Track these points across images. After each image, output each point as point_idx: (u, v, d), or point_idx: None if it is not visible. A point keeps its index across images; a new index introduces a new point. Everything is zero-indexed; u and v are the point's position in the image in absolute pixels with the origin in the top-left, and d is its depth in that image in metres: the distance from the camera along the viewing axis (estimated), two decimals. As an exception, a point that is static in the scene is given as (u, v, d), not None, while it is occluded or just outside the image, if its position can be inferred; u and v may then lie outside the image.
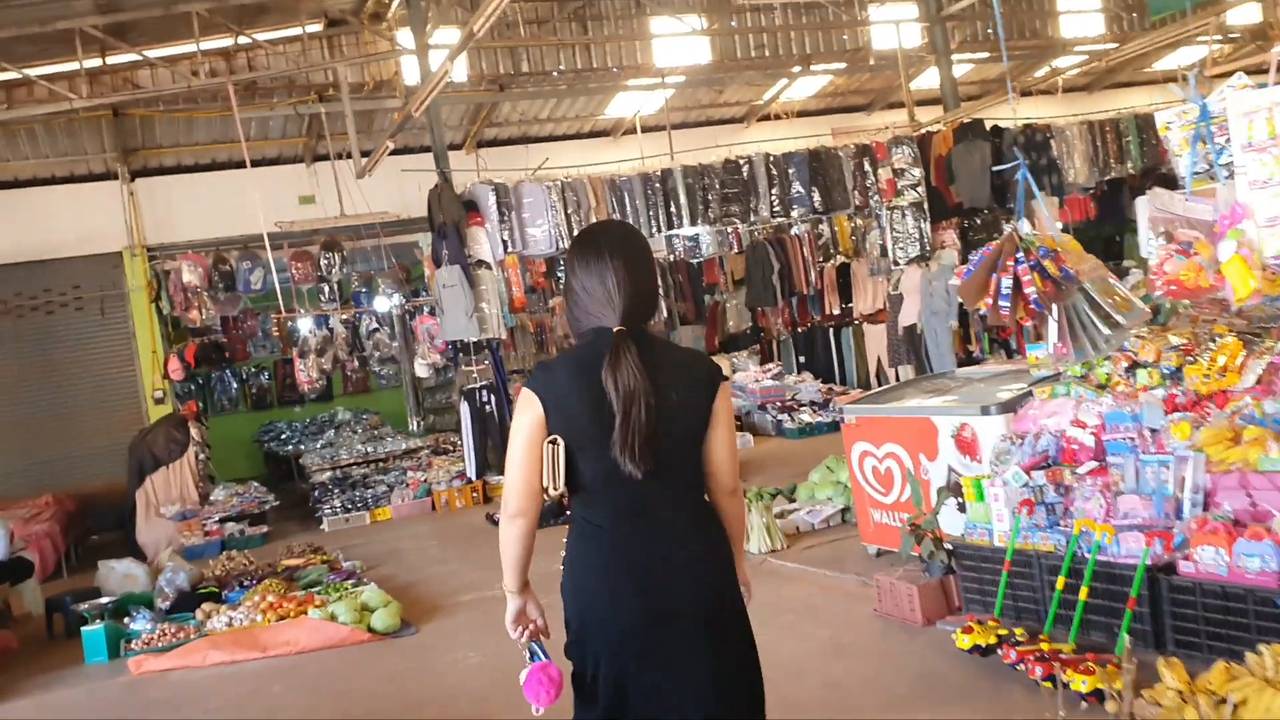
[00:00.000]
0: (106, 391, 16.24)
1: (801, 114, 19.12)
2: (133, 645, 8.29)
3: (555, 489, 3.04)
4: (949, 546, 6.29)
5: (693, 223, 14.80)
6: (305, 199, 16.56)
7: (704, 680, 3.04)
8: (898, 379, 16.27)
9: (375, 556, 11.26)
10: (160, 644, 8.21)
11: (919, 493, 6.39)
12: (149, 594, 10.27)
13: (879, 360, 16.60)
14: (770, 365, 16.63)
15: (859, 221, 16.86)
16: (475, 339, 13.59)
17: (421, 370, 14.42)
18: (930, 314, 15.27)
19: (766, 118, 18.97)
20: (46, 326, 16.00)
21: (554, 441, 3.02)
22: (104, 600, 9.11)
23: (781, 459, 13.43)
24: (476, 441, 13.67)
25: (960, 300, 15.66)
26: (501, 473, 8.03)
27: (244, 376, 20.53)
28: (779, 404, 15.51)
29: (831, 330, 17.24)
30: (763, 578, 7.99)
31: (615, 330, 3.04)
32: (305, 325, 15.89)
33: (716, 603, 3.10)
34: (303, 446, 17.57)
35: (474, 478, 13.81)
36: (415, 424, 15.42)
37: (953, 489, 6.80)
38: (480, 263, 13.87)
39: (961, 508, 6.67)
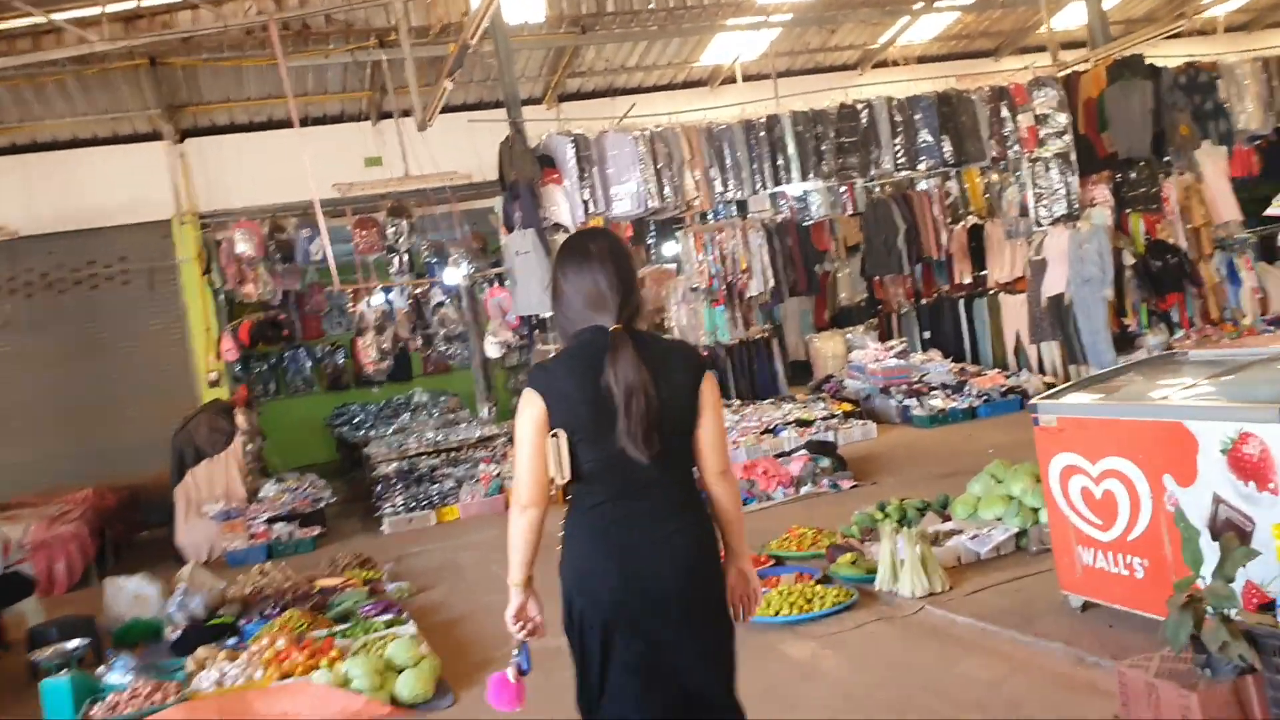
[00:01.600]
0: (158, 373, 14.38)
1: (921, 60, 16.52)
2: (95, 711, 6.23)
3: (563, 478, 3.14)
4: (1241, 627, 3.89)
5: (804, 177, 12.42)
6: (371, 160, 14.52)
7: (685, 655, 3.18)
8: (1040, 358, 13.75)
9: (428, 573, 9.14)
10: (129, 710, 6.15)
11: (1196, 545, 4.03)
12: (158, 621, 8.35)
13: (1017, 336, 14.06)
14: (893, 342, 14.17)
15: (994, 177, 14.28)
16: (552, 314, 11.37)
17: (492, 349, 12.26)
18: (1081, 282, 12.70)
19: (883, 64, 16.39)
20: (91, 302, 14.18)
21: (556, 435, 3.15)
22: (71, 645, 7.11)
23: (915, 455, 10.99)
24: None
25: (1126, 264, 13.09)
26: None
27: (319, 355, 18.61)
28: (905, 387, 13.05)
29: (961, 302, 14.68)
30: (921, 638, 5.65)
31: (612, 328, 3.17)
32: (375, 300, 13.88)
33: (698, 581, 3.21)
34: (374, 432, 15.58)
35: (553, 473, 11.63)
36: (486, 410, 13.25)
37: (1227, 527, 4.39)
38: (558, 226, 11.69)
39: (1240, 560, 4.26)
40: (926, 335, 15.14)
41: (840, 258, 16.26)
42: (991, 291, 14.39)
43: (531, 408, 3.19)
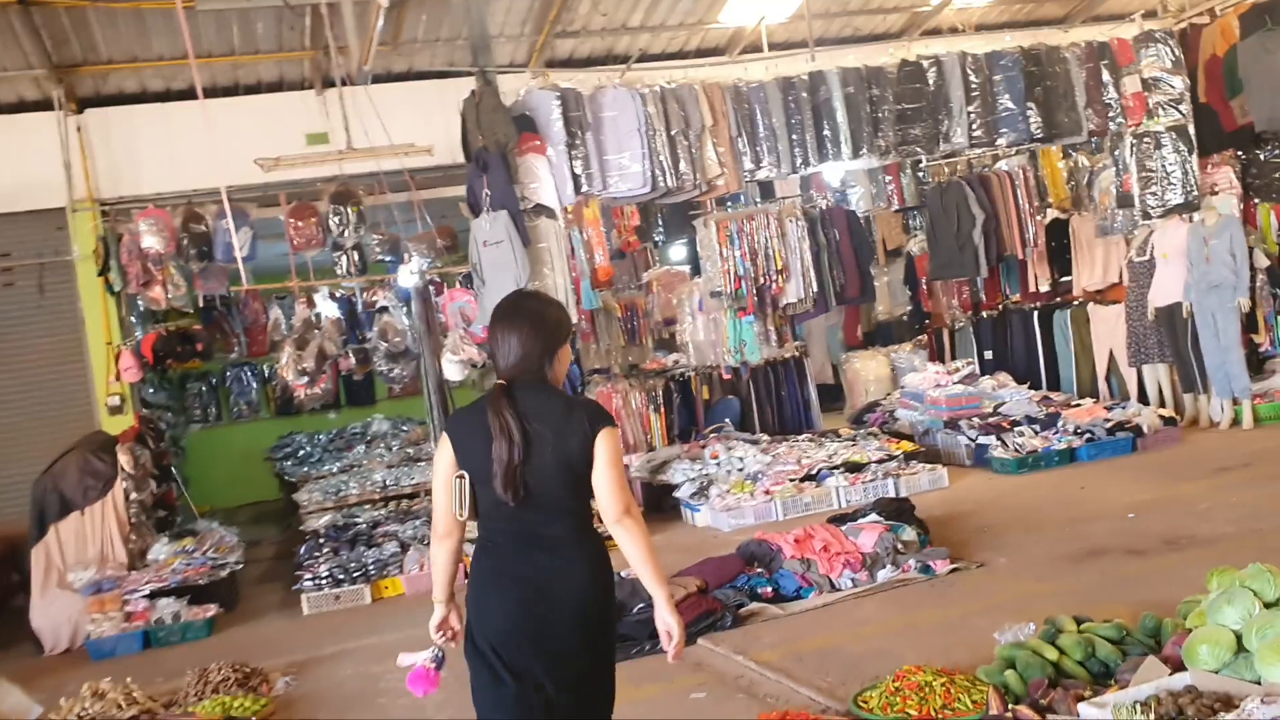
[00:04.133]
0: (50, 397, 11.15)
1: (981, 28, 13.38)
2: None
3: (462, 515, 3.34)
4: None
5: (855, 152, 9.34)
6: (315, 137, 11.34)
7: (571, 673, 3.27)
8: (1140, 383, 10.64)
9: (337, 703, 5.98)
10: None
11: None
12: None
13: (1110, 357, 10.95)
14: (957, 364, 11.03)
15: (1081, 159, 11.14)
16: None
17: (451, 370, 9.06)
18: (1207, 288, 9.63)
19: (935, 33, 13.26)
20: (-34, 310, 11.03)
21: (461, 476, 3.34)
22: None
23: (1018, 516, 7.79)
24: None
25: (1257, 267, 9.97)
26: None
27: (266, 375, 15.46)
28: (977, 421, 9.91)
29: (1036, 315, 11.55)
30: None
31: (497, 384, 3.37)
32: (319, 305, 10.71)
33: (582, 610, 3.29)
34: (322, 467, 12.41)
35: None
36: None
37: None
38: (540, 209, 8.60)
39: None
40: (988, 355, 12.00)
41: (879, 263, 13.15)
42: (1077, 302, 11.28)
43: (444, 450, 3.41)
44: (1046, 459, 9.24)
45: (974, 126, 9.55)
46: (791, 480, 8.88)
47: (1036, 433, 9.53)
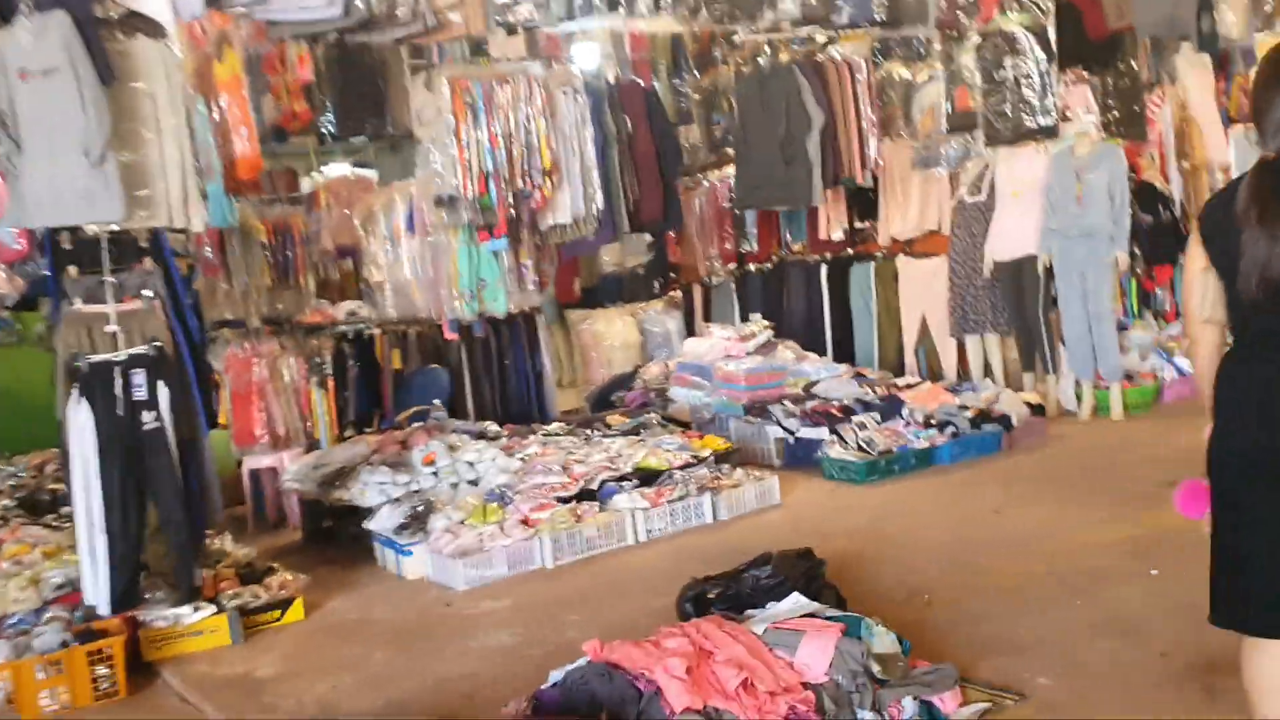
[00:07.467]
0: None
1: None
2: None
3: (1204, 314, 2.72)
4: None
5: (656, 4, 5.94)
6: None
7: None
8: (962, 359, 8.10)
9: None
10: None
11: None
12: None
13: (923, 323, 8.29)
14: (751, 327, 7.88)
15: (895, 70, 8.33)
16: (116, 225, 4.32)
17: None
18: (1076, 237, 7.19)
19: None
20: None
21: (1207, 269, 2.70)
22: None
23: (953, 568, 4.67)
24: (118, 515, 4.38)
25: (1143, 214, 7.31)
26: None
27: None
28: (792, 406, 6.87)
29: (824, 269, 8.69)
30: None
31: (1261, 158, 2.59)
32: None
33: None
34: None
35: (108, 613, 4.42)
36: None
37: None
38: (136, 20, 4.54)
39: None
40: (755, 319, 9.01)
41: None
42: (881, 256, 8.53)
43: (1193, 243, 2.76)
44: (902, 461, 6.34)
45: (804, -5, 6.43)
46: (562, 500, 5.39)
47: (878, 423, 6.61)
